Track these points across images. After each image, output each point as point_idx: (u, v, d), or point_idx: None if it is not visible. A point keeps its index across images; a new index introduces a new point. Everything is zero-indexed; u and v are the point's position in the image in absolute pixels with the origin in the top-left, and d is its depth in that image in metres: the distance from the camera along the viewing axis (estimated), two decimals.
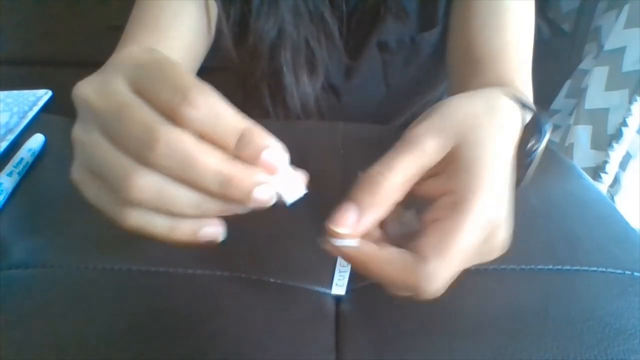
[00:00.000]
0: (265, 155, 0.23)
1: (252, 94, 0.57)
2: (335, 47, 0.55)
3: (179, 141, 0.22)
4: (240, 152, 0.23)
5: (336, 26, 0.54)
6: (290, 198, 0.25)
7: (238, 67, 0.55)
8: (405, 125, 0.30)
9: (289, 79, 0.54)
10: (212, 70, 0.54)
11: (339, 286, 0.31)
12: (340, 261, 0.30)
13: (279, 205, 0.25)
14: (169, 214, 0.24)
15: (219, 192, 0.23)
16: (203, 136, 0.23)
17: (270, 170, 0.24)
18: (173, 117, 0.22)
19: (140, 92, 0.23)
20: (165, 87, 0.23)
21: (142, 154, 0.22)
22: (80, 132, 0.25)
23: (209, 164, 0.23)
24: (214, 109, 0.23)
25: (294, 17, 0.51)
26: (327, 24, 0.53)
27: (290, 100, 0.55)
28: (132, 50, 0.25)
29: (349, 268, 0.31)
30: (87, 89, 0.24)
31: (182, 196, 0.23)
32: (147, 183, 0.23)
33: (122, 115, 0.23)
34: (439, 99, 0.68)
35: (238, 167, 0.23)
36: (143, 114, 0.23)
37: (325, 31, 0.54)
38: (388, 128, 0.63)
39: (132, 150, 0.23)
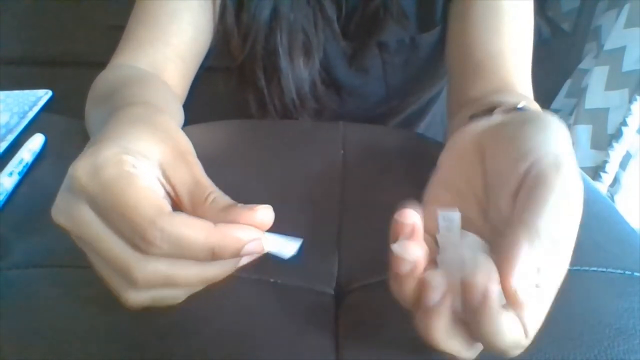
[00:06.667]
0: (245, 251, 0.24)
1: (247, 78, 0.56)
2: (333, 33, 0.55)
3: (154, 271, 0.24)
4: (220, 259, 0.24)
5: (333, 10, 0.53)
6: (287, 253, 0.26)
7: (234, 49, 0.54)
8: (403, 124, 0.29)
9: (284, 61, 0.53)
10: (212, 70, 0.54)
11: None
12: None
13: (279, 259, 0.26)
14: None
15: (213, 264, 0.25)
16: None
17: (257, 253, 0.25)
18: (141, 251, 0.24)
19: (106, 221, 0.24)
20: (123, 225, 0.23)
21: (127, 281, 0.24)
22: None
23: (190, 276, 0.25)
24: (175, 242, 0.23)
25: None
26: (324, 8, 0.53)
27: (285, 83, 0.55)
28: (80, 170, 0.24)
29: None
30: (59, 216, 0.25)
31: (183, 274, 0.25)
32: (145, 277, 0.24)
33: (98, 247, 0.24)
34: (436, 97, 0.68)
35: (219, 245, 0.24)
36: (116, 251, 0.24)
37: (323, 15, 0.53)
38: (388, 128, 0.63)
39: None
